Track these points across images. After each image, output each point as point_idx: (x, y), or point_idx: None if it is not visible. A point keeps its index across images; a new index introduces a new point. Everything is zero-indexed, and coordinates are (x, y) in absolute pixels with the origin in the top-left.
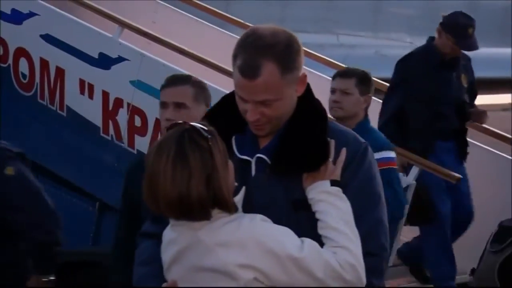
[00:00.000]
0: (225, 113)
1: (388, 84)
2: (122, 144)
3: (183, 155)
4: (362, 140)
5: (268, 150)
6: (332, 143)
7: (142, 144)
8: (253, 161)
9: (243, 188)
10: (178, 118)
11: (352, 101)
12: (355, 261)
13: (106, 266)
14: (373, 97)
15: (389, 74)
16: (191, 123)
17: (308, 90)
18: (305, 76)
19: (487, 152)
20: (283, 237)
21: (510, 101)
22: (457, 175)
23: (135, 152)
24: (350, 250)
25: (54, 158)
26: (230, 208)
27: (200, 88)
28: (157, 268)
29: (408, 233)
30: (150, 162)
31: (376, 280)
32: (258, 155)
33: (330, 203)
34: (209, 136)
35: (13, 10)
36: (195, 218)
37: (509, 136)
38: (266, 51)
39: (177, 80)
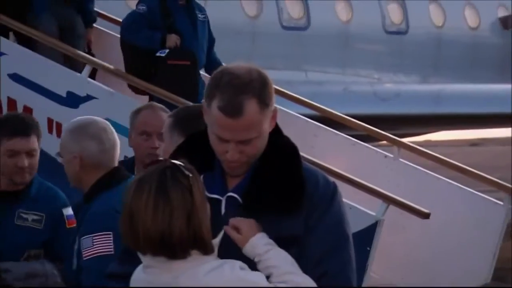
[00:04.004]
0: (192, 152)
1: (355, 120)
2: None
3: (164, 192)
4: (331, 180)
5: (240, 189)
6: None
7: None
8: (223, 200)
9: (222, 232)
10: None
11: None
12: None
13: None
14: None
15: (357, 110)
16: (172, 161)
17: (277, 127)
18: (276, 111)
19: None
20: (262, 285)
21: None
22: (426, 210)
23: None
24: None
25: None
26: (208, 249)
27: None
28: None
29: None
30: (129, 198)
31: None
32: (230, 194)
33: (276, 251)
34: (190, 175)
35: None
36: (174, 256)
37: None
38: (246, 89)
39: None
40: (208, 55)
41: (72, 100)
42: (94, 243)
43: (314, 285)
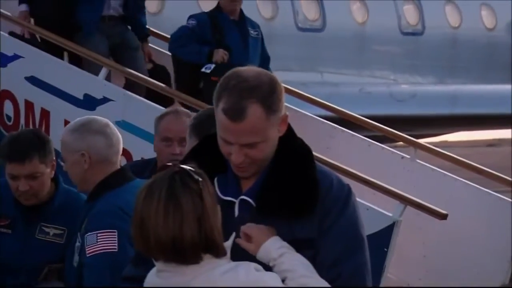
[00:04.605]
0: (206, 154)
1: (372, 121)
2: None
3: (175, 198)
4: (345, 182)
5: (253, 192)
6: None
7: None
8: (237, 202)
9: (233, 234)
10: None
11: None
12: None
13: None
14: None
15: (373, 111)
16: (182, 166)
17: (290, 130)
18: (287, 116)
19: (485, 194)
20: (278, 286)
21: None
22: (443, 211)
23: None
24: None
25: None
26: (220, 252)
27: None
28: None
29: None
30: (140, 203)
31: None
32: (243, 197)
33: (291, 254)
34: (199, 179)
35: None
36: (186, 262)
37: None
38: (251, 93)
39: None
40: None
41: (89, 102)
42: (98, 240)
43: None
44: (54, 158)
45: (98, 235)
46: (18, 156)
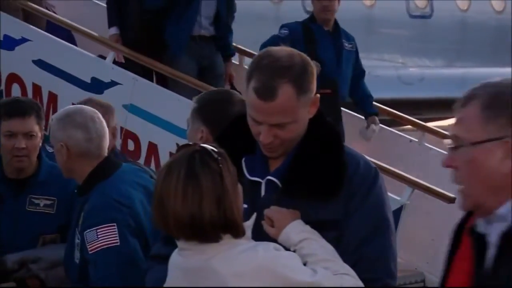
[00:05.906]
0: (236, 134)
1: (380, 105)
2: None
3: (194, 176)
4: (373, 164)
5: (279, 172)
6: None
7: None
8: (263, 182)
9: (254, 214)
10: None
11: None
12: (359, 284)
13: None
14: None
15: (381, 94)
16: (201, 145)
17: (320, 112)
18: (317, 98)
19: None
20: (297, 265)
21: None
22: (451, 195)
23: None
24: (350, 275)
25: None
26: (239, 232)
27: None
28: None
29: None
30: (159, 182)
31: None
32: (269, 177)
33: (313, 239)
34: (219, 158)
35: (5, 36)
36: (206, 240)
37: None
38: (283, 73)
39: None
40: (356, 86)
41: (97, 86)
42: (99, 236)
43: (352, 272)
44: (44, 128)
45: (98, 231)
46: (19, 112)
